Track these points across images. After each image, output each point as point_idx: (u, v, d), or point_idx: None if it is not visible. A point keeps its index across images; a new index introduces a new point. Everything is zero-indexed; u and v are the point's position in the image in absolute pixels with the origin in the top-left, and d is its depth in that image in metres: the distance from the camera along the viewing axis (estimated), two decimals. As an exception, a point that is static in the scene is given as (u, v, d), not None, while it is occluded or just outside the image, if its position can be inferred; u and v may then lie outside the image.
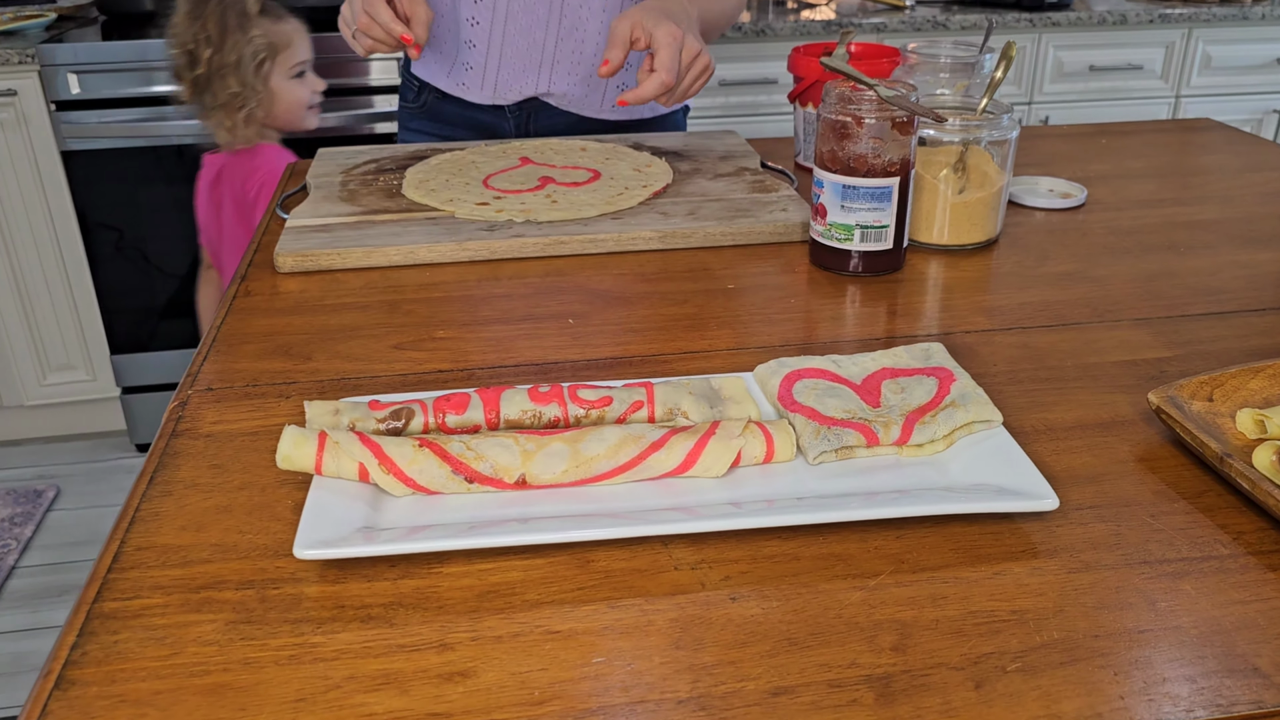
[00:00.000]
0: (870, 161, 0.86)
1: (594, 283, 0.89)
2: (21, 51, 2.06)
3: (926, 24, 2.38)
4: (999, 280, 0.90)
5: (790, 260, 0.94)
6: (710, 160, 1.15)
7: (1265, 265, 0.93)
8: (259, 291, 0.88)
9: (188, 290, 2.31)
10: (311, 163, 1.17)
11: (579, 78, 1.28)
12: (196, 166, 2.19)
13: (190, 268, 2.28)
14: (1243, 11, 2.51)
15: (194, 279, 2.29)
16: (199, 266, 1.92)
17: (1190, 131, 1.38)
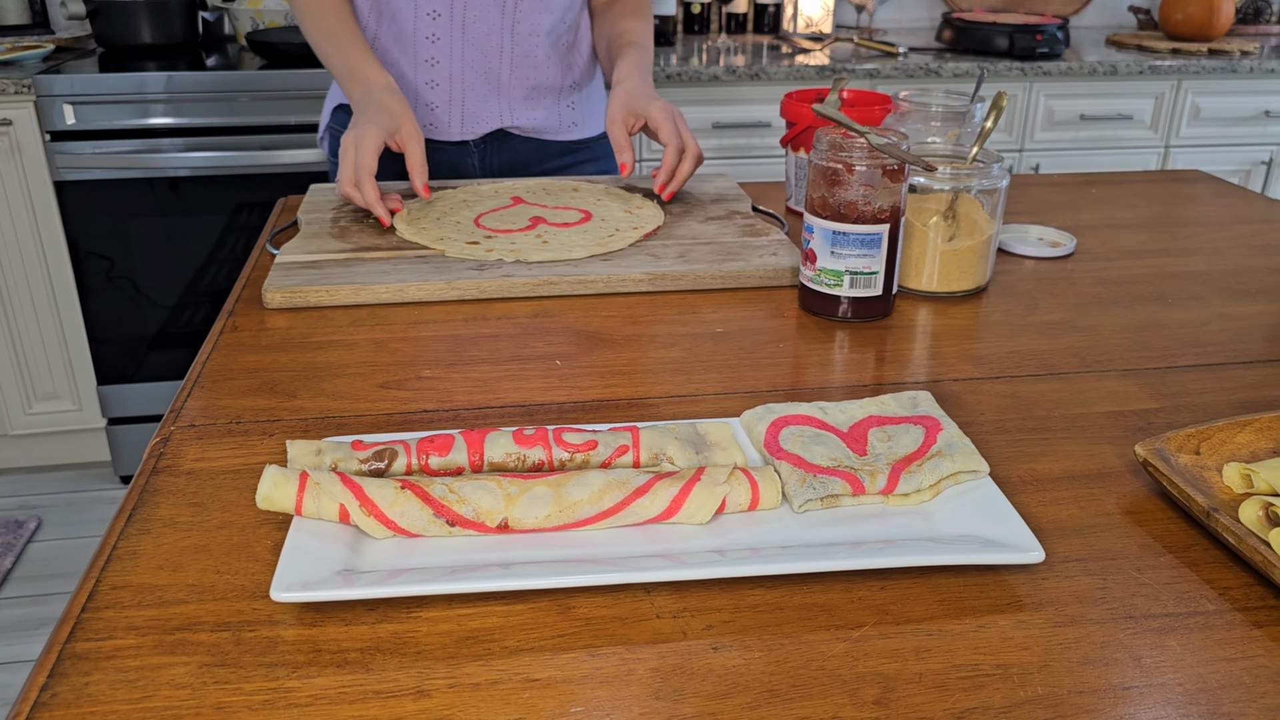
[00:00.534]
0: (860, 208, 0.86)
1: (582, 324, 0.89)
2: (18, 82, 2.07)
3: (919, 71, 2.41)
4: (988, 328, 0.90)
5: (779, 305, 0.94)
6: (701, 203, 1.15)
7: (1253, 318, 0.93)
8: (246, 327, 0.88)
9: (176, 321, 2.30)
10: (303, 198, 1.18)
11: (537, 105, 1.33)
12: (188, 198, 2.20)
13: (179, 299, 2.28)
14: (1231, 64, 2.54)
15: (183, 311, 2.29)
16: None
17: (1179, 183, 1.39)
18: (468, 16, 1.25)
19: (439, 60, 1.27)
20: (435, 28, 1.25)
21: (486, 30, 1.26)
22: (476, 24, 1.25)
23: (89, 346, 2.28)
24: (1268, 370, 0.82)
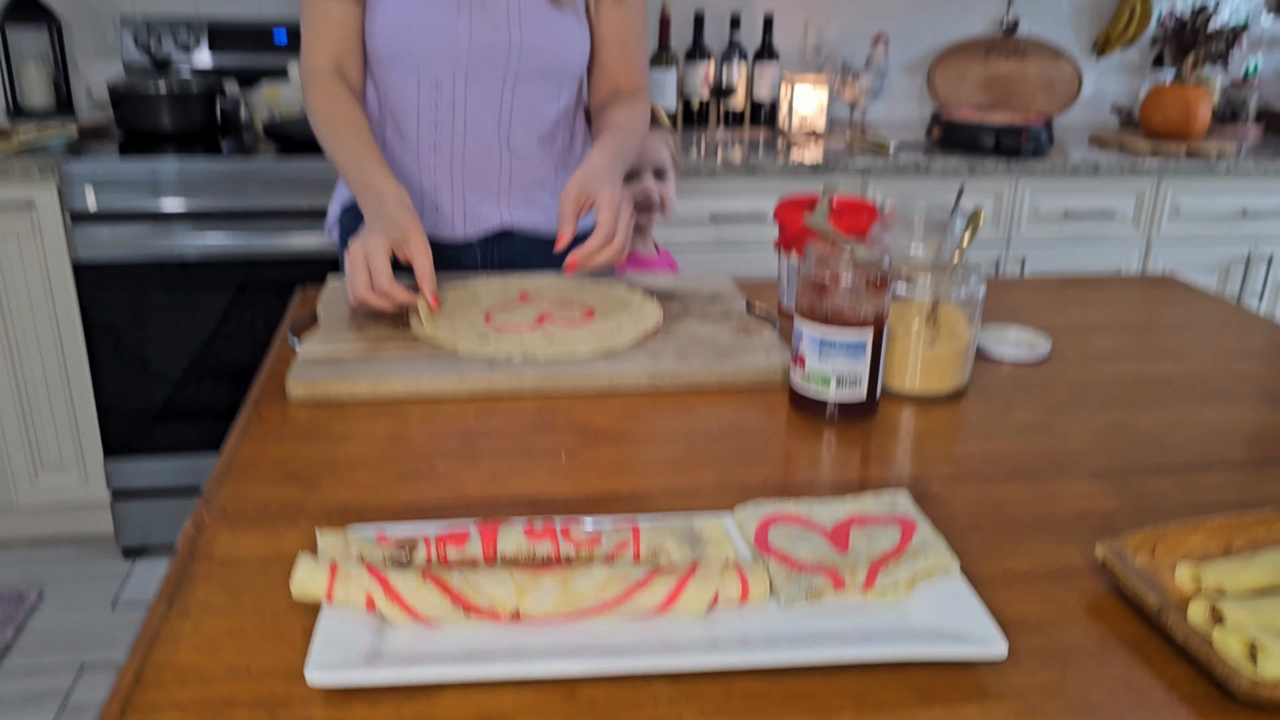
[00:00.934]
0: (846, 316, 0.93)
1: (586, 420, 0.95)
2: (45, 166, 2.16)
3: (909, 168, 2.51)
4: (966, 429, 0.97)
5: (771, 403, 1.00)
6: (699, 302, 1.22)
7: (1213, 423, 0.99)
8: (270, 418, 0.94)
9: (182, 396, 2.35)
10: (319, 289, 1.25)
11: (536, 205, 1.41)
12: (200, 278, 2.27)
13: (186, 373, 2.34)
14: (1208, 165, 2.65)
15: (190, 385, 2.35)
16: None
17: (1152, 287, 1.47)
18: (468, 127, 1.34)
19: (440, 166, 1.36)
20: (436, 137, 1.34)
21: (483, 138, 1.35)
22: (474, 133, 1.34)
23: (98, 420, 2.33)
24: (1224, 474, 0.88)
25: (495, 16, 1.28)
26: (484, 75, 1.31)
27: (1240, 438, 0.96)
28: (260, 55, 2.64)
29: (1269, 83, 3.35)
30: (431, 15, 1.27)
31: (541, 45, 1.31)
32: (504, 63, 1.30)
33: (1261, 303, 2.83)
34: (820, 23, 3.01)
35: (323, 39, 1.30)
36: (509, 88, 1.33)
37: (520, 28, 1.29)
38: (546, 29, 1.30)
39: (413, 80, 1.31)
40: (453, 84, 1.31)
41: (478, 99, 1.32)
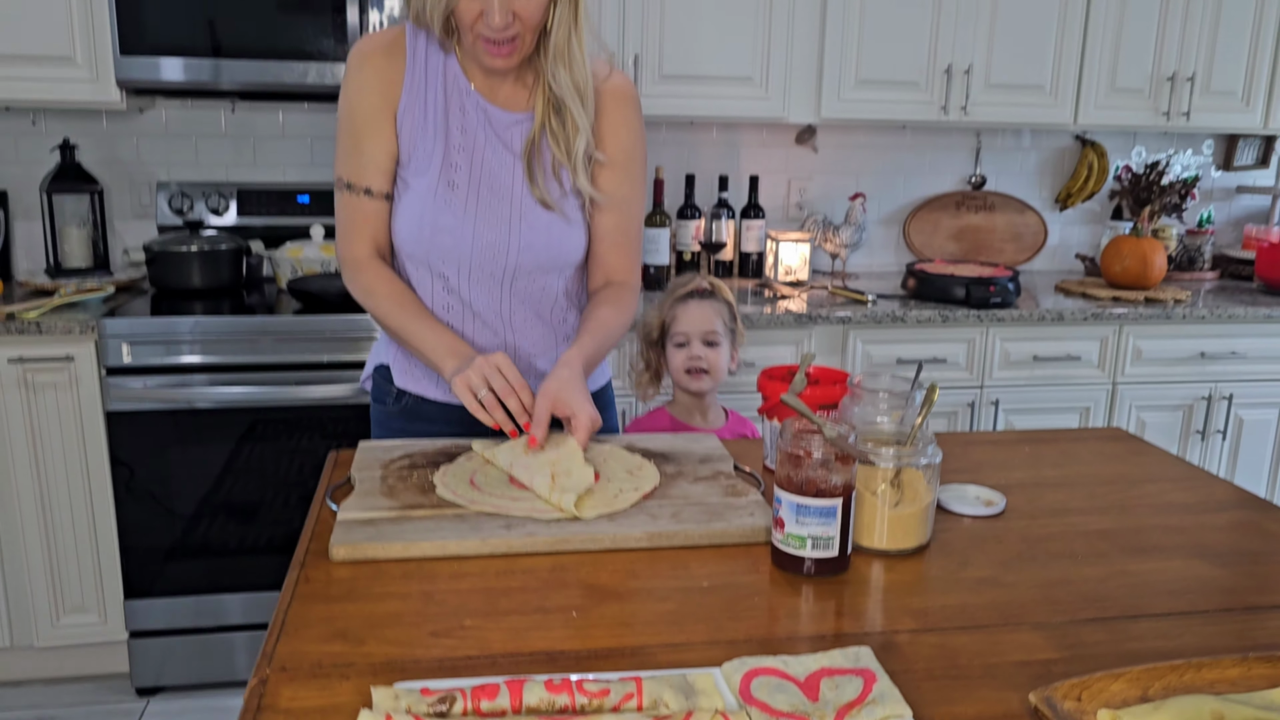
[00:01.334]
0: (819, 485, 1.07)
1: (593, 578, 1.08)
2: (84, 324, 2.33)
3: (886, 318, 2.69)
4: (927, 583, 1.10)
5: (756, 560, 1.13)
6: (691, 463, 1.37)
7: (1147, 575, 1.13)
8: (316, 579, 1.07)
9: (199, 535, 2.47)
10: (354, 454, 1.39)
11: (532, 373, 1.57)
12: (221, 426, 2.42)
13: (203, 514, 2.46)
14: (1165, 312, 2.84)
15: (207, 524, 2.47)
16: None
17: (1101, 440, 1.62)
18: (474, 312, 1.52)
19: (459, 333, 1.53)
20: (448, 316, 1.52)
21: (488, 321, 1.53)
22: (479, 317, 1.52)
23: (120, 563, 2.44)
24: (1151, 624, 1.01)
25: (498, 219, 1.47)
26: (487, 270, 1.49)
27: (1168, 590, 1.09)
28: (285, 217, 2.85)
29: (1222, 230, 3.59)
30: (442, 219, 1.45)
31: (539, 244, 1.49)
32: (504, 260, 1.48)
33: (1225, 440, 2.99)
34: (802, 182, 3.25)
35: (360, 230, 1.48)
36: (509, 280, 1.51)
37: (520, 231, 1.47)
38: (544, 230, 1.48)
39: (425, 272, 1.49)
40: (458, 278, 1.49)
41: (481, 290, 1.51)
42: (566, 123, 1.45)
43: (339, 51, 2.51)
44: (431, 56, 1.45)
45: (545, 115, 1.45)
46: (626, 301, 1.55)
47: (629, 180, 1.55)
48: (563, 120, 1.45)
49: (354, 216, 1.48)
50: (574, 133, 1.45)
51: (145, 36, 2.42)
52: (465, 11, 1.33)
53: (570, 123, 1.45)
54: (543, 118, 1.46)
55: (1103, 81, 3.01)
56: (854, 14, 2.83)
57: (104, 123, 2.84)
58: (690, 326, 1.97)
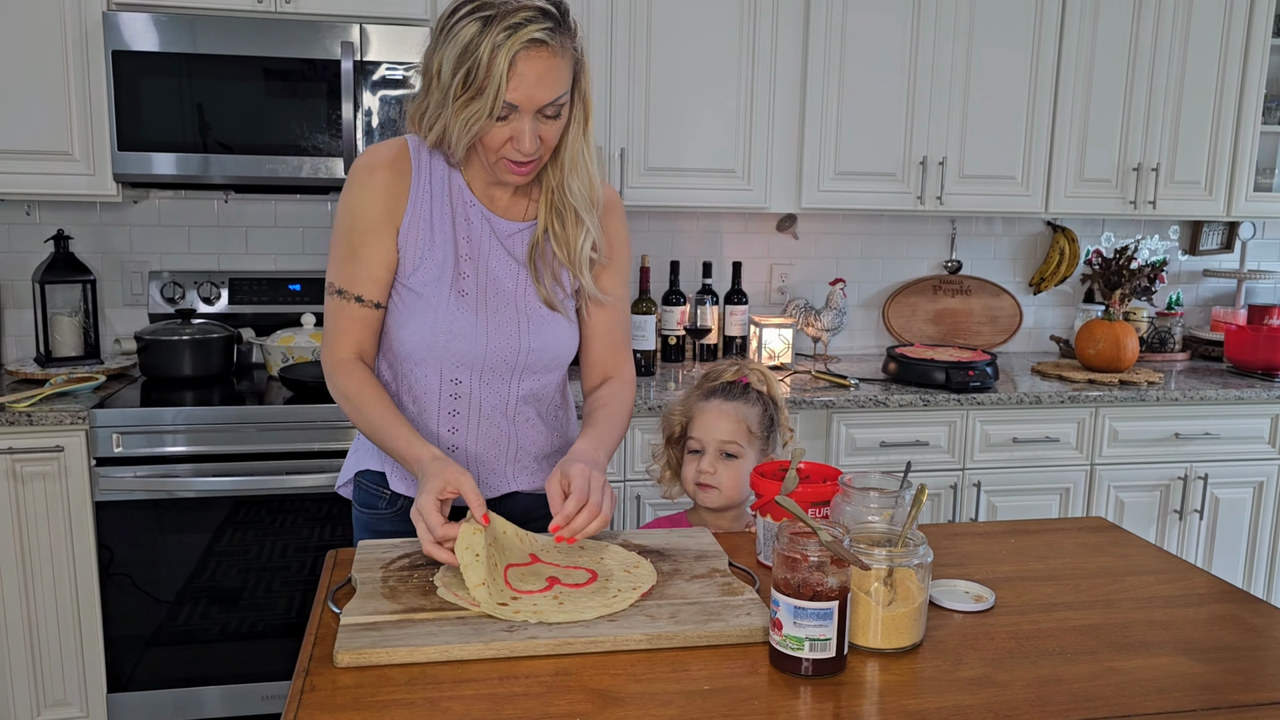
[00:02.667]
0: (815, 588, 1.10)
1: (595, 682, 1.10)
2: (75, 414, 2.34)
3: (868, 402, 2.74)
4: (921, 684, 1.12)
5: (754, 661, 1.15)
6: (687, 560, 1.39)
7: (1135, 672, 1.16)
8: (322, 686, 1.08)
9: (182, 624, 2.45)
10: (354, 554, 1.41)
11: (538, 471, 1.62)
12: (211, 515, 2.42)
13: (186, 600, 2.44)
14: (1139, 394, 2.91)
15: (191, 613, 2.45)
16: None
17: (1084, 531, 1.65)
18: (481, 413, 1.55)
19: (456, 443, 1.57)
20: (454, 421, 1.55)
21: (494, 421, 1.57)
22: (486, 416, 1.56)
23: (104, 656, 2.41)
24: (1140, 725, 1.04)
25: (507, 323, 1.52)
26: (497, 372, 1.54)
27: (1156, 689, 1.12)
28: (276, 305, 2.89)
29: (1190, 312, 3.69)
30: (456, 325, 1.49)
31: (545, 346, 1.55)
32: (514, 360, 1.54)
33: (1202, 519, 3.04)
34: (783, 267, 3.33)
35: (345, 334, 1.51)
36: (516, 380, 1.56)
37: (529, 333, 1.53)
38: (549, 331, 1.55)
39: (435, 376, 1.53)
40: (469, 380, 1.53)
41: (490, 390, 1.55)
42: (568, 226, 1.52)
43: (333, 145, 2.57)
44: (435, 170, 1.51)
45: (549, 220, 1.52)
46: (629, 396, 1.62)
47: (621, 280, 1.64)
48: (564, 224, 1.52)
49: (340, 322, 1.51)
50: (578, 235, 1.51)
51: (142, 132, 2.48)
52: (495, 137, 1.40)
53: (572, 226, 1.51)
54: (546, 223, 1.52)
55: (1071, 172, 3.12)
56: (832, 109, 2.94)
57: (98, 212, 2.88)
58: (706, 433, 1.72)
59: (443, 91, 1.37)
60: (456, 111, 1.37)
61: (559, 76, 1.38)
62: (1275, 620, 1.31)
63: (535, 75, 1.35)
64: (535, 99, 1.36)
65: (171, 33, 2.46)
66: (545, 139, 1.42)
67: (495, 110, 1.35)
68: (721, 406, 1.73)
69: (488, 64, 1.32)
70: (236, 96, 2.51)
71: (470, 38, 1.32)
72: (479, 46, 1.32)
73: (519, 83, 1.34)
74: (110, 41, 2.44)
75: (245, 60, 2.50)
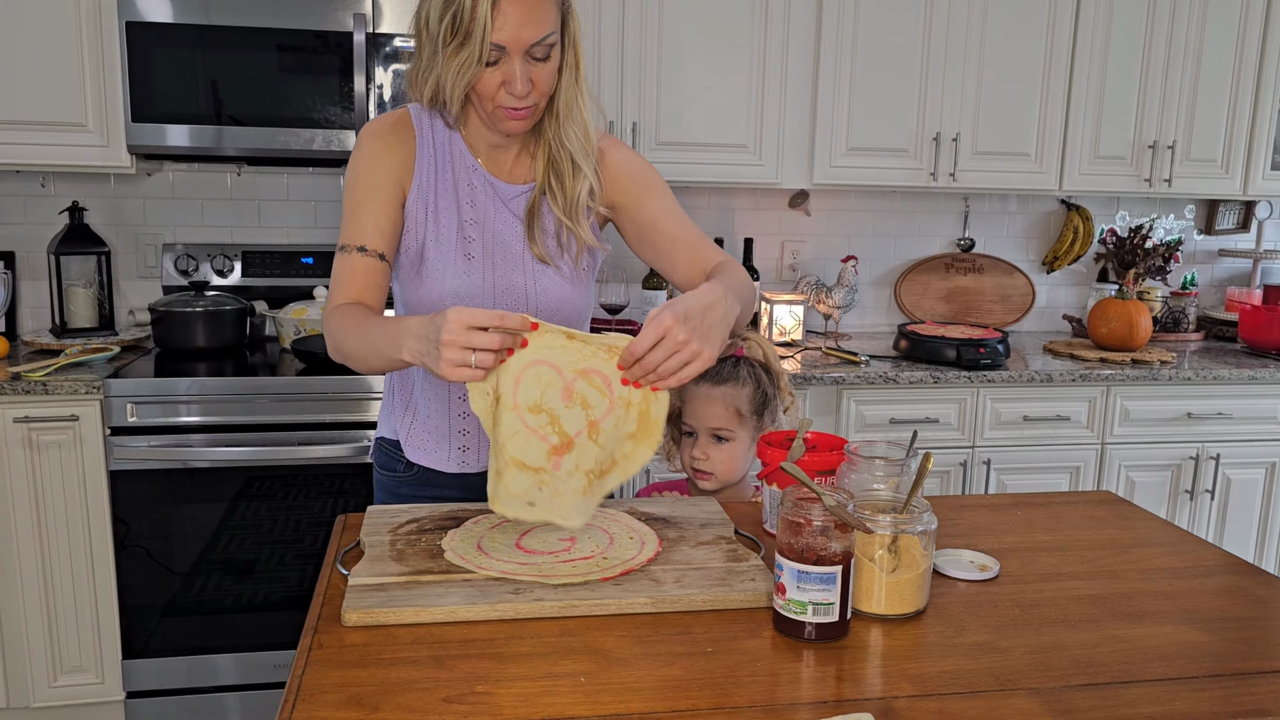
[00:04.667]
0: (819, 552, 1.10)
1: (600, 643, 1.11)
2: (90, 384, 2.36)
3: (879, 379, 2.74)
4: (924, 649, 1.13)
5: (758, 625, 1.16)
6: (693, 528, 1.40)
7: (1138, 640, 1.16)
8: (329, 644, 1.09)
9: (197, 593, 2.48)
10: (363, 518, 1.42)
11: None
12: (223, 485, 2.44)
13: (200, 570, 2.47)
14: (1152, 373, 2.90)
15: (206, 582, 2.48)
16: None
17: (1090, 504, 1.65)
18: None
19: (469, 413, 1.56)
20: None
21: None
22: None
23: (119, 622, 2.45)
24: (1143, 690, 1.04)
25: (513, 285, 1.53)
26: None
27: (1159, 657, 1.12)
28: (289, 278, 2.90)
29: (1205, 292, 3.67)
30: (463, 288, 1.50)
31: (552, 304, 1.55)
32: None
33: (1214, 500, 3.03)
34: (795, 244, 3.32)
35: (346, 284, 1.46)
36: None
37: (535, 293, 1.54)
38: (555, 291, 1.55)
39: None
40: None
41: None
42: (565, 177, 1.52)
43: (345, 119, 2.57)
44: (437, 135, 1.52)
45: (545, 178, 1.53)
46: (733, 266, 1.53)
47: (662, 195, 1.58)
48: (561, 180, 1.52)
49: (341, 275, 1.47)
50: (575, 185, 1.51)
51: (156, 104, 2.49)
52: (487, 84, 1.40)
53: (569, 177, 1.51)
54: (543, 182, 1.53)
55: (1086, 149, 3.10)
56: (845, 84, 2.92)
57: (112, 185, 2.89)
58: (696, 419, 1.70)
59: (433, 43, 1.38)
60: (447, 60, 1.37)
61: (544, 15, 1.38)
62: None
63: (520, 14, 1.35)
64: (521, 38, 1.36)
65: (184, 4, 2.47)
66: (537, 82, 1.41)
67: (484, 54, 1.35)
68: (710, 392, 1.69)
69: (471, 7, 1.33)
70: (249, 68, 2.52)
71: None
72: None
73: (504, 22, 1.34)
74: (124, 12, 2.45)
75: (258, 32, 2.50)
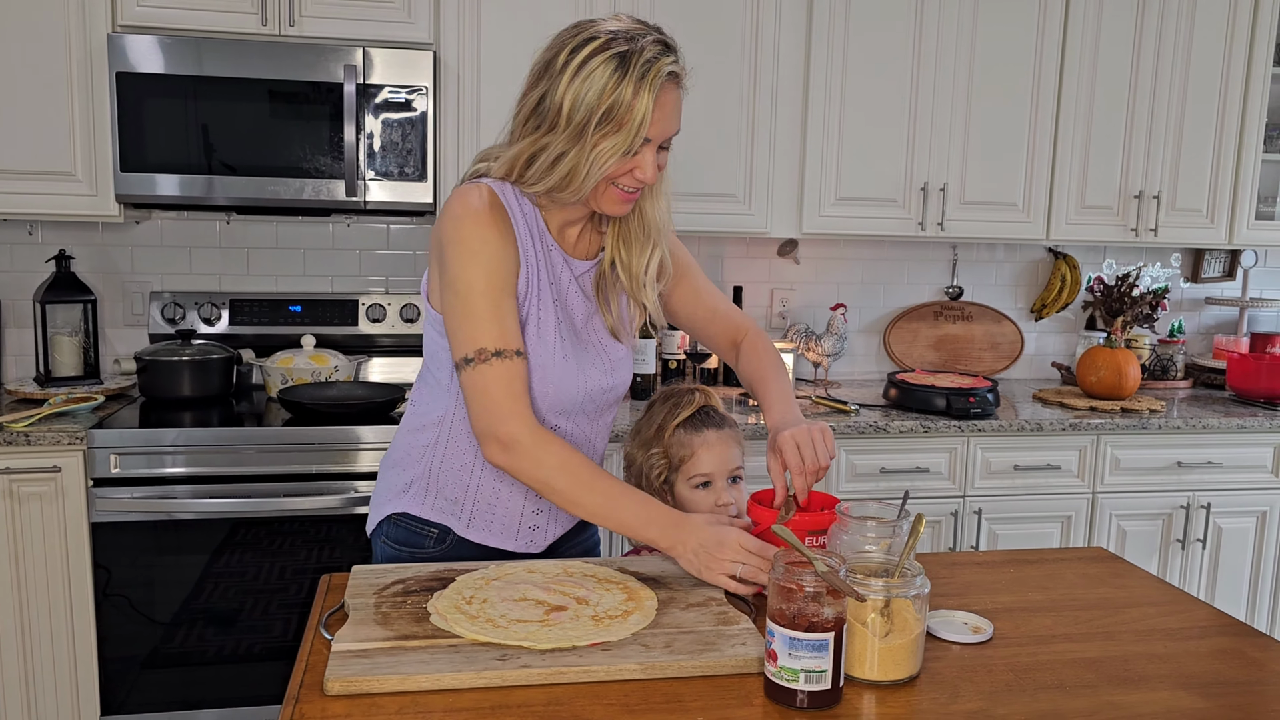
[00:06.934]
0: (811, 619, 1.09)
1: (588, 712, 1.08)
2: (73, 434, 2.33)
3: (869, 429, 2.73)
4: (917, 717, 1.11)
5: (748, 692, 1.14)
6: (683, 589, 1.38)
7: (1135, 707, 1.14)
8: (312, 715, 1.07)
9: (177, 646, 2.44)
10: (348, 578, 1.40)
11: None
12: (207, 537, 2.41)
13: (181, 622, 2.43)
14: (1141, 422, 2.90)
15: (187, 635, 2.44)
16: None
17: (1085, 562, 1.64)
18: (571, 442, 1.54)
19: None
20: None
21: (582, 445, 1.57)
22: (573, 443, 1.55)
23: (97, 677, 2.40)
24: (1140, 761, 1.03)
25: (595, 366, 1.53)
26: (585, 412, 1.55)
27: (1155, 724, 1.11)
28: (277, 326, 2.89)
29: (1193, 340, 3.68)
30: (560, 374, 1.48)
31: (624, 380, 1.59)
32: (600, 400, 1.55)
33: (1205, 549, 3.02)
34: (784, 292, 3.33)
35: (523, 397, 1.40)
36: (599, 417, 1.59)
37: (612, 373, 1.56)
38: (625, 367, 1.59)
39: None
40: (568, 424, 1.53)
41: (579, 431, 1.56)
42: (634, 253, 1.53)
43: (335, 168, 2.58)
44: (527, 215, 1.48)
45: (615, 250, 1.54)
46: (761, 341, 1.72)
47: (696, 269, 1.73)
48: (631, 252, 1.53)
49: (514, 384, 1.39)
50: (643, 258, 1.53)
51: (146, 154, 2.49)
52: (617, 170, 1.40)
53: (638, 254, 1.53)
54: (613, 254, 1.54)
55: (1073, 199, 3.12)
56: (833, 134, 2.95)
57: (100, 232, 2.88)
58: (713, 466, 1.68)
59: (575, 129, 1.35)
60: (592, 147, 1.36)
61: (681, 108, 1.42)
62: (1276, 654, 1.30)
63: (671, 109, 1.39)
64: (667, 131, 1.40)
65: (176, 55, 2.48)
66: (662, 168, 1.44)
67: (636, 144, 1.37)
68: (720, 435, 1.70)
69: (632, 98, 1.33)
70: (240, 118, 2.52)
71: (610, 74, 1.33)
72: (620, 82, 1.33)
73: (660, 115, 1.37)
74: (114, 63, 2.45)
75: (249, 83, 2.51)
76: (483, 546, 1.56)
